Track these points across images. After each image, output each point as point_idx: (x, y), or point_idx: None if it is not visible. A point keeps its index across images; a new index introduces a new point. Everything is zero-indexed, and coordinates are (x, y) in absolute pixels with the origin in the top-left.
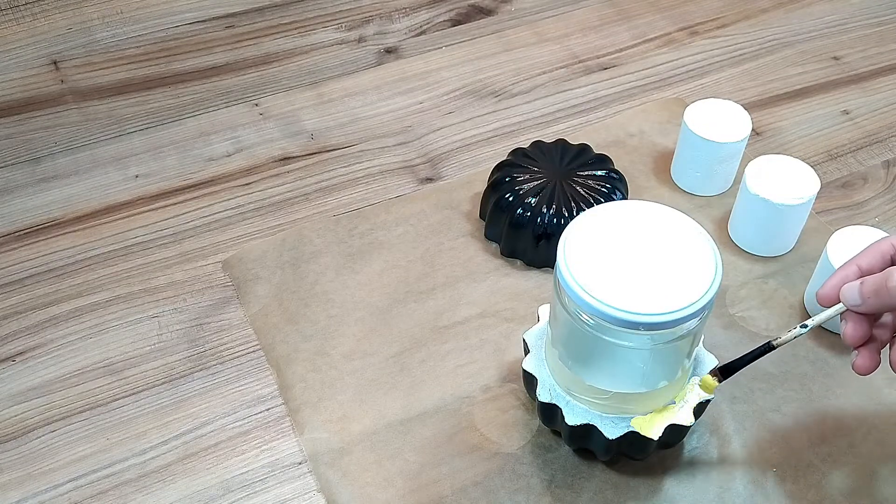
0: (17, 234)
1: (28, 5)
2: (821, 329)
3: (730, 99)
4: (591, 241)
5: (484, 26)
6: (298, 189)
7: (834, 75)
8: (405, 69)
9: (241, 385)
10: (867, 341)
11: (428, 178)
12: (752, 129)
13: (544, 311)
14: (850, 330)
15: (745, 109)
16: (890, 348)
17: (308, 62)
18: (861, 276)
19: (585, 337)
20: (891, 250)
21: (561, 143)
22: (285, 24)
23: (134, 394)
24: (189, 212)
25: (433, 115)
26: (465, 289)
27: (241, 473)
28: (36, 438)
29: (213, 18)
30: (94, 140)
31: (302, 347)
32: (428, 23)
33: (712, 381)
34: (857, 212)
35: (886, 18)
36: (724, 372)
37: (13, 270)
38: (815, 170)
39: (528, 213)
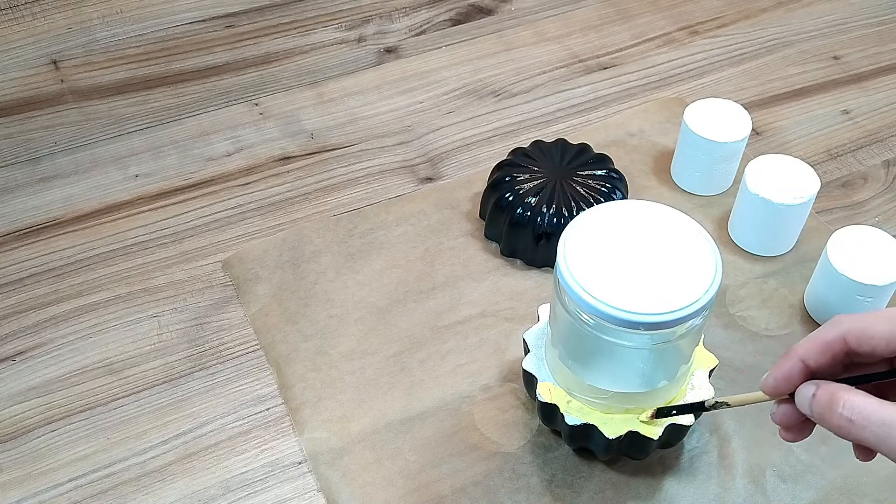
0: (17, 233)
1: (28, 5)
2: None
3: (730, 99)
4: (591, 241)
5: (484, 26)
6: (298, 189)
7: (834, 75)
8: (405, 69)
9: (241, 385)
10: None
11: (428, 178)
12: (752, 129)
13: (544, 310)
14: (781, 416)
15: (745, 109)
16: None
17: (308, 62)
18: (807, 373)
19: (585, 337)
20: (843, 347)
21: (561, 143)
22: (285, 23)
23: (134, 393)
24: (189, 212)
25: (433, 115)
26: (465, 288)
27: (241, 473)
28: (36, 438)
29: (213, 18)
30: (94, 140)
31: (302, 347)
32: (428, 22)
33: (650, 420)
34: (857, 211)
35: (886, 18)
36: (660, 413)
37: (13, 270)
38: (815, 169)
39: (528, 213)
